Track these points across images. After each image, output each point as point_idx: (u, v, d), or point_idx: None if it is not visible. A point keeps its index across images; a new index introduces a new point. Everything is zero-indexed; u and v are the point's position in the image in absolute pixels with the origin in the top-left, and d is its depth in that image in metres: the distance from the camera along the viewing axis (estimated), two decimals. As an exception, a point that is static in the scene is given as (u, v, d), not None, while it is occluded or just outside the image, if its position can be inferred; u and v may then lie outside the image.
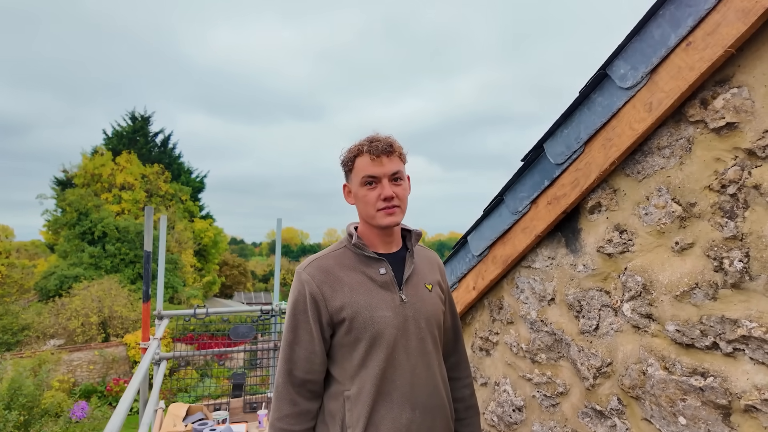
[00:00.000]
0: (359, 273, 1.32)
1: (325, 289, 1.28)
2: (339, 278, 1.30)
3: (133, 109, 33.13)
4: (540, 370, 1.68)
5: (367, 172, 1.30)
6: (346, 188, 1.39)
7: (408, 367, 1.29)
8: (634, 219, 1.33)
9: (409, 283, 1.35)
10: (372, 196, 1.30)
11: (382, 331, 1.26)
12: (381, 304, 1.29)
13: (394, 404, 1.26)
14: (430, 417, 1.30)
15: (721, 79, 1.12)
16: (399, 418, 1.25)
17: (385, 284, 1.32)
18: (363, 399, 1.24)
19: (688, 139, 1.19)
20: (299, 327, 1.28)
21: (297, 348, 1.28)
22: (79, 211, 20.95)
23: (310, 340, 1.27)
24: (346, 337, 1.28)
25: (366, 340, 1.26)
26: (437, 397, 1.33)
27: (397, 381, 1.27)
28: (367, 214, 1.32)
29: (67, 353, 12.18)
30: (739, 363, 1.08)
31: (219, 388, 7.89)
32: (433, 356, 1.35)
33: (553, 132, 1.53)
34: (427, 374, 1.32)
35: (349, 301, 1.28)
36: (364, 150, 1.31)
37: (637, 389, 1.31)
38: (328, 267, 1.32)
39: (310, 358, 1.28)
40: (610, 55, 1.33)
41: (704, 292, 1.15)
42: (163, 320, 4.36)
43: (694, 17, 1.12)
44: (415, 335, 1.31)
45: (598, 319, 1.44)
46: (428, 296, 1.38)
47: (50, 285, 18.18)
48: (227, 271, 33.23)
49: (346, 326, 1.27)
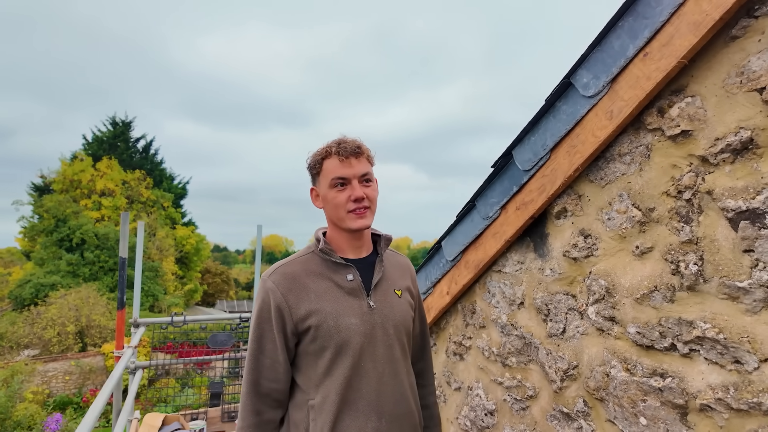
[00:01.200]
0: (326, 279, 1.30)
1: (290, 297, 1.26)
2: (305, 285, 1.28)
3: (114, 114, 32.69)
4: (511, 373, 1.70)
5: (336, 174, 1.28)
6: (313, 192, 1.36)
7: (374, 375, 1.27)
8: (597, 224, 1.36)
9: (377, 289, 1.33)
10: (342, 197, 1.28)
11: (349, 339, 1.24)
12: (348, 311, 1.27)
13: (359, 413, 1.24)
14: (397, 425, 1.28)
15: (676, 89, 1.16)
16: (364, 427, 1.23)
17: (353, 291, 1.30)
18: (327, 408, 1.22)
19: (646, 146, 1.23)
20: (264, 336, 1.26)
21: (261, 357, 1.26)
22: (56, 218, 20.51)
23: (274, 350, 1.25)
24: (311, 346, 1.26)
25: (332, 349, 1.24)
26: (404, 404, 1.31)
27: (363, 389, 1.25)
28: (337, 216, 1.30)
29: (42, 364, 11.86)
30: (695, 363, 1.11)
31: (199, 397, 7.76)
32: (400, 363, 1.33)
33: (521, 139, 1.56)
34: (394, 382, 1.30)
35: (314, 308, 1.25)
36: (332, 152, 1.29)
37: (602, 391, 1.33)
38: (294, 274, 1.29)
39: (274, 368, 1.26)
40: (574, 65, 1.37)
41: (663, 294, 1.18)
42: (140, 328, 4.29)
43: (651, 29, 1.16)
44: (383, 342, 1.29)
45: (565, 322, 1.47)
46: (397, 302, 1.36)
47: (25, 293, 17.71)
48: (209, 279, 32.80)
49: (312, 334, 1.25)
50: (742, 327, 1.02)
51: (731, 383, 1.03)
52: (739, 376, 1.02)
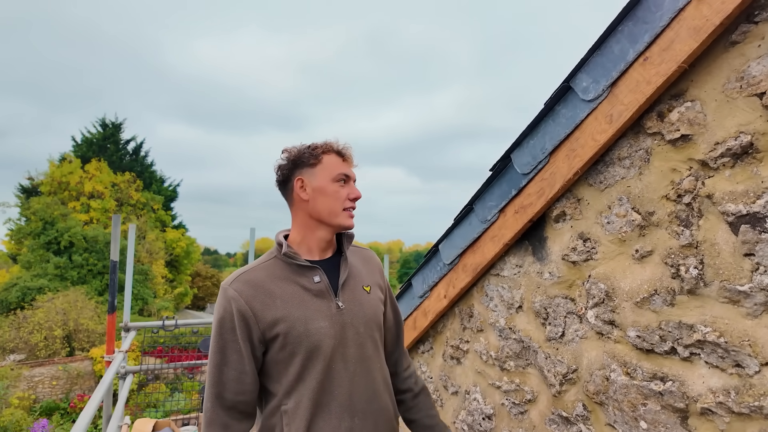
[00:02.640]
0: (292, 283, 1.27)
1: (255, 304, 1.22)
2: (270, 291, 1.24)
3: (103, 115, 32.39)
4: (509, 377, 1.69)
5: (342, 170, 1.31)
6: (300, 181, 1.31)
7: (346, 376, 1.26)
8: (597, 227, 1.37)
9: (345, 289, 1.32)
10: (343, 193, 1.30)
11: (319, 344, 1.22)
12: (316, 315, 1.25)
13: (332, 415, 1.23)
14: (371, 422, 1.28)
15: (676, 93, 1.17)
16: (338, 428, 1.23)
17: (320, 293, 1.27)
18: (300, 413, 1.21)
19: (646, 150, 1.23)
20: (227, 347, 1.21)
21: (225, 369, 1.21)
22: (44, 220, 20.21)
23: (239, 360, 1.21)
24: (281, 353, 1.23)
25: (302, 354, 1.22)
26: (377, 401, 1.31)
27: (335, 391, 1.24)
28: (332, 210, 1.29)
29: (29, 369, 11.66)
30: (696, 367, 1.11)
31: (190, 402, 7.66)
32: (373, 360, 1.32)
33: (520, 142, 1.56)
34: (367, 380, 1.29)
35: (282, 315, 1.22)
36: (334, 149, 1.32)
37: (601, 395, 1.33)
38: (257, 280, 1.26)
39: (240, 379, 1.21)
40: (573, 69, 1.37)
41: (663, 298, 1.18)
42: (130, 332, 4.23)
43: (651, 34, 1.17)
44: (354, 342, 1.28)
45: (564, 326, 1.47)
46: (366, 299, 1.35)
47: (11, 297, 17.40)
48: (200, 283, 32.50)
49: (281, 341, 1.22)
50: (743, 331, 1.02)
51: (732, 387, 1.03)
52: (740, 379, 1.03)
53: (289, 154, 1.33)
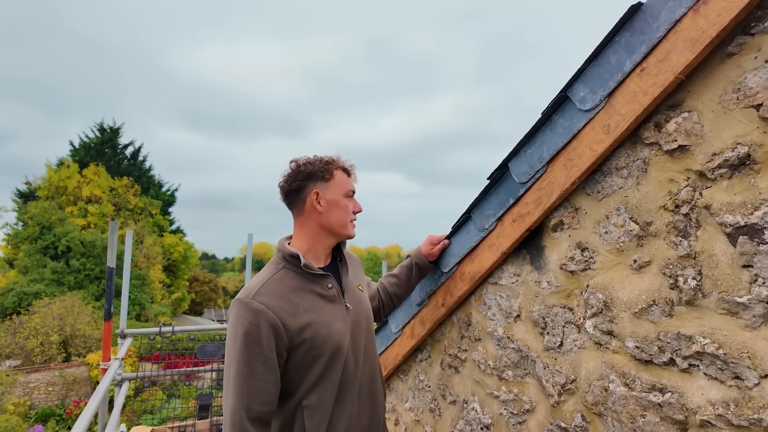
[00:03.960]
0: (308, 292, 1.37)
1: (282, 315, 1.28)
2: (292, 301, 1.32)
3: (101, 120, 32.37)
4: (507, 387, 1.68)
5: (351, 187, 1.50)
6: (316, 194, 1.42)
7: (356, 368, 1.43)
8: (594, 237, 1.36)
9: (348, 291, 1.49)
10: (350, 207, 1.49)
11: (340, 344, 1.36)
12: (334, 319, 1.38)
13: (347, 402, 1.39)
14: (372, 404, 1.50)
15: (673, 104, 1.17)
16: (351, 411, 1.40)
17: (333, 298, 1.41)
18: (324, 405, 1.33)
19: (644, 160, 1.23)
20: (253, 359, 1.24)
21: (251, 381, 1.24)
22: (41, 225, 20.15)
23: (266, 371, 1.25)
24: (305, 357, 1.32)
25: (326, 356, 1.33)
26: (375, 385, 1.54)
27: (350, 382, 1.40)
28: (342, 222, 1.46)
29: (24, 374, 11.58)
30: (695, 378, 1.11)
31: (186, 409, 7.61)
32: (371, 350, 1.54)
33: (518, 151, 1.56)
34: (369, 368, 1.51)
35: (306, 322, 1.31)
36: (342, 166, 1.50)
37: (600, 406, 1.32)
38: (279, 292, 1.32)
39: (265, 389, 1.25)
40: (570, 79, 1.37)
41: (661, 309, 1.18)
42: (127, 339, 4.21)
43: (647, 45, 1.17)
44: (360, 336, 1.46)
45: (562, 335, 1.46)
46: (363, 297, 1.57)
47: (8, 302, 17.32)
48: (197, 288, 32.41)
49: (306, 347, 1.31)
50: (742, 342, 1.01)
51: (731, 399, 1.03)
52: (739, 392, 1.02)
53: (300, 166, 1.43)
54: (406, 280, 1.85)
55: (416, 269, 1.85)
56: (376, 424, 1.53)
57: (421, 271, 1.86)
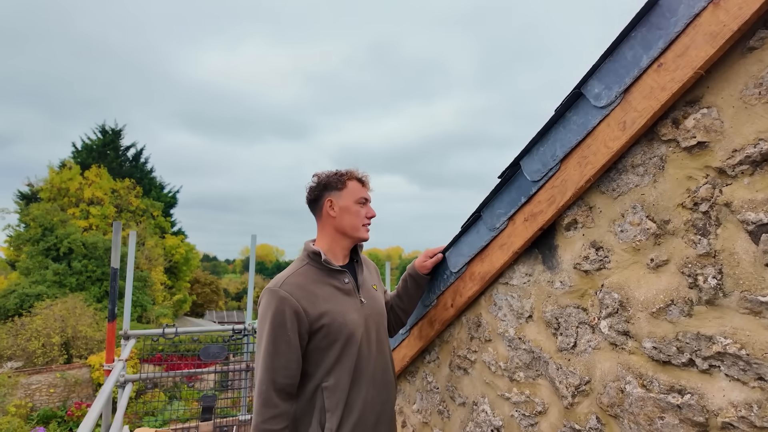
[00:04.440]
0: (327, 285, 1.57)
1: (304, 302, 1.48)
2: (312, 291, 1.52)
3: (103, 122, 32.42)
4: (518, 388, 1.66)
5: (362, 195, 1.68)
6: (330, 202, 1.64)
7: (370, 356, 1.60)
8: (609, 236, 1.34)
9: (363, 287, 1.68)
10: (362, 212, 1.67)
11: (354, 331, 1.54)
12: (349, 309, 1.56)
13: (362, 386, 1.56)
14: (385, 391, 1.66)
15: (692, 100, 1.15)
16: (366, 396, 1.56)
17: (349, 291, 1.61)
18: (341, 387, 1.51)
19: (661, 157, 1.21)
20: (278, 339, 1.45)
21: (277, 358, 1.45)
22: (43, 227, 20.16)
23: (288, 350, 1.46)
24: (324, 341, 1.51)
25: (341, 341, 1.52)
26: (388, 374, 1.70)
27: (364, 368, 1.58)
28: (354, 225, 1.65)
29: (26, 376, 11.56)
30: (715, 380, 1.08)
31: (188, 411, 7.59)
32: (385, 343, 1.71)
33: (530, 149, 1.54)
34: (382, 359, 1.67)
35: (325, 310, 1.51)
36: (355, 176, 1.68)
37: (616, 407, 1.30)
38: (301, 283, 1.53)
39: (288, 365, 1.47)
40: (585, 75, 1.35)
41: (680, 308, 1.15)
42: (130, 340, 4.19)
43: (665, 40, 1.15)
44: (373, 329, 1.64)
45: (576, 336, 1.44)
46: (377, 295, 1.74)
47: (9, 304, 17.31)
48: (199, 289, 32.40)
49: (324, 331, 1.50)
50: (765, 342, 0.99)
51: (755, 401, 1.00)
52: (762, 393, 1.00)
53: (319, 179, 1.66)
54: (404, 293, 1.94)
55: (411, 281, 1.93)
56: (388, 412, 1.68)
57: (417, 283, 1.93)
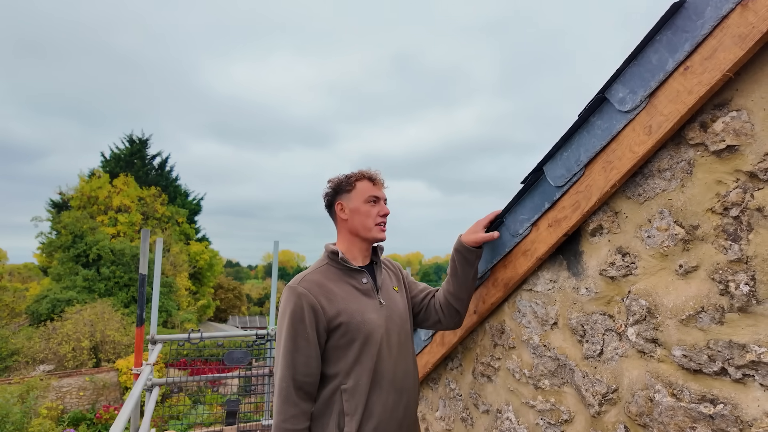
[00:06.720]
0: (346, 284, 1.54)
1: (321, 299, 1.47)
2: (330, 289, 1.50)
3: (131, 131, 33.32)
4: (543, 396, 1.64)
5: (372, 193, 1.61)
6: (340, 205, 1.62)
7: (391, 359, 1.54)
8: (636, 241, 1.32)
9: (382, 289, 1.62)
10: (374, 211, 1.60)
11: (372, 331, 1.49)
12: (368, 309, 1.52)
13: (383, 390, 1.50)
14: (406, 395, 1.58)
15: (720, 103, 1.13)
16: (387, 401, 1.51)
17: (368, 291, 1.57)
18: (360, 389, 1.46)
19: (688, 161, 1.19)
20: (298, 335, 1.43)
21: (296, 355, 1.43)
22: (74, 234, 20.81)
23: (308, 346, 1.44)
24: (342, 339, 1.47)
25: (360, 340, 1.48)
26: (410, 379, 1.63)
27: (385, 371, 1.52)
28: (365, 226, 1.59)
29: (57, 379, 11.91)
30: (749, 389, 1.05)
31: (212, 415, 7.69)
32: (407, 347, 1.64)
33: (553, 155, 1.53)
34: (404, 362, 1.60)
35: (342, 308, 1.48)
36: (366, 176, 1.62)
37: (645, 417, 1.27)
38: (320, 281, 1.51)
39: (308, 363, 1.44)
40: (609, 80, 1.34)
41: (710, 316, 1.13)
42: (157, 345, 4.28)
43: (691, 42, 1.13)
44: (394, 331, 1.58)
45: (602, 343, 1.41)
46: (398, 298, 1.67)
47: (42, 309, 17.89)
48: (222, 295, 32.88)
49: (342, 330, 1.47)
50: (802, 351, 0.96)
51: (792, 411, 0.97)
52: (800, 403, 0.97)
53: (331, 184, 1.64)
54: (452, 273, 1.68)
55: (458, 256, 1.65)
56: (411, 417, 1.62)
57: (466, 259, 1.64)
